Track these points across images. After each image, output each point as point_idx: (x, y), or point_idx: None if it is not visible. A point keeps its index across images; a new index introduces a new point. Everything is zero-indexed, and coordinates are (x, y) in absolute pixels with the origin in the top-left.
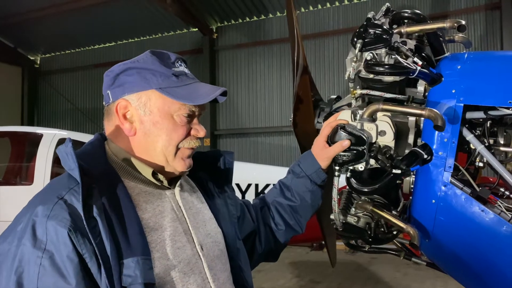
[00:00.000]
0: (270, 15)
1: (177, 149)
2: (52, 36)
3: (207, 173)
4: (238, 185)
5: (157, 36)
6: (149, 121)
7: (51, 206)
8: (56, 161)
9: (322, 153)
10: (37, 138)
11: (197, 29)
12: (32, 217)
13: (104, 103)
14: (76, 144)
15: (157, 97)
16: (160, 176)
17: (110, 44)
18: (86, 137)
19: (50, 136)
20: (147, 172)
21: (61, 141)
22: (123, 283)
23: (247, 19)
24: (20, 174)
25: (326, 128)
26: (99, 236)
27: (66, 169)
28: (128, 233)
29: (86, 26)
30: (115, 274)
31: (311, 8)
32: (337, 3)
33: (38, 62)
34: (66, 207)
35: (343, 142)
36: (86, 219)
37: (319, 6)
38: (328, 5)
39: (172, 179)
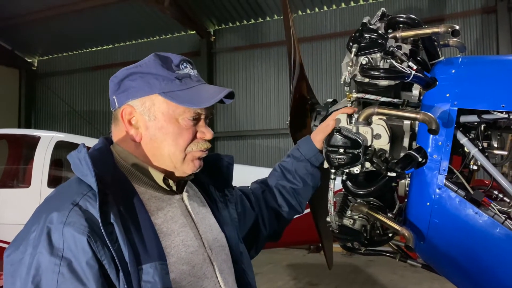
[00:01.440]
0: (268, 18)
1: (185, 154)
2: (49, 39)
3: (208, 177)
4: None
5: (154, 38)
6: (154, 126)
7: (67, 213)
8: (54, 164)
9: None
10: (35, 140)
11: (194, 31)
12: (46, 224)
13: (111, 108)
14: (73, 146)
15: (161, 102)
16: (170, 182)
17: (108, 47)
18: (84, 140)
19: (47, 138)
20: (158, 178)
21: (58, 144)
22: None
23: (245, 22)
24: (17, 177)
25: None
26: (116, 242)
27: (79, 175)
28: (145, 238)
29: (83, 28)
30: (134, 280)
31: (308, 11)
32: (334, 6)
33: (36, 65)
34: (82, 213)
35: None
36: (103, 225)
37: (316, 9)
38: (325, 8)
39: (178, 184)
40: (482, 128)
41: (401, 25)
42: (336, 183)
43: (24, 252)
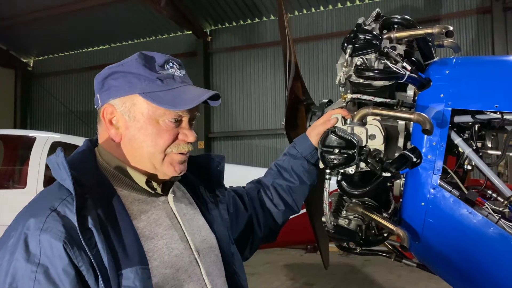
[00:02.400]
0: (264, 18)
1: (165, 155)
2: (45, 39)
3: (198, 177)
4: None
5: (151, 39)
6: (134, 127)
7: (44, 219)
8: None
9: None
10: (30, 141)
11: (191, 32)
12: (24, 230)
13: (95, 106)
14: (70, 147)
15: (141, 102)
16: (154, 184)
17: (104, 47)
18: (80, 141)
19: (43, 139)
20: (140, 180)
21: (54, 145)
22: None
23: (241, 22)
24: (13, 177)
25: (326, 115)
26: (95, 247)
27: (58, 180)
28: (125, 242)
29: (79, 28)
30: (114, 286)
31: (304, 11)
32: (330, 7)
33: (31, 65)
34: (60, 218)
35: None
36: (81, 230)
37: (313, 10)
38: (321, 8)
39: (164, 186)
40: (476, 128)
41: (395, 26)
42: (331, 183)
43: (2, 259)
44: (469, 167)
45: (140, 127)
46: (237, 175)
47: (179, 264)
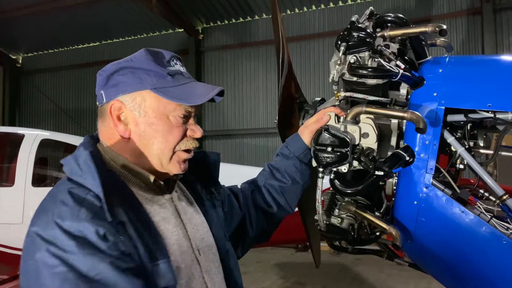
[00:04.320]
0: (256, 17)
1: (173, 152)
2: (34, 35)
3: (194, 174)
4: None
5: (142, 36)
6: (144, 123)
7: (77, 212)
8: (39, 162)
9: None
10: (18, 138)
11: (182, 29)
12: (55, 219)
13: (97, 103)
14: (59, 145)
15: (152, 98)
16: (160, 182)
17: (94, 44)
18: (70, 139)
19: (32, 136)
20: (148, 179)
21: (43, 142)
22: (159, 285)
23: (233, 21)
24: (0, 175)
25: (319, 113)
26: (130, 240)
27: (76, 179)
28: (152, 236)
29: (69, 25)
30: (151, 276)
31: (296, 10)
32: (322, 6)
33: (20, 61)
34: (92, 213)
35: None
36: (114, 224)
37: (305, 9)
38: (313, 7)
39: (167, 184)
40: (468, 127)
41: (389, 24)
42: (324, 182)
43: (39, 251)
44: (461, 166)
45: (151, 122)
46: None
47: (186, 261)
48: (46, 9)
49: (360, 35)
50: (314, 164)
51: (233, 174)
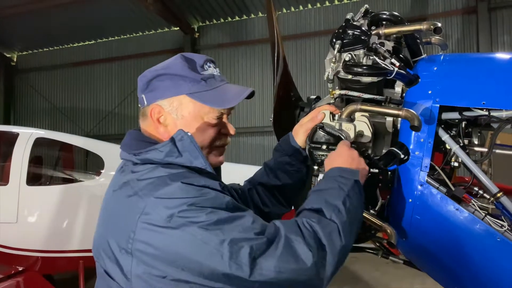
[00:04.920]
0: (252, 15)
1: (209, 149)
2: (29, 33)
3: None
4: None
5: (138, 34)
6: (182, 125)
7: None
8: (33, 161)
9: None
10: (13, 137)
11: (178, 28)
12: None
13: (139, 105)
14: (54, 143)
15: (188, 102)
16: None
17: (90, 42)
18: (65, 137)
19: (26, 135)
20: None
21: (38, 141)
22: None
23: (229, 19)
24: None
25: (314, 111)
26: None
27: (183, 162)
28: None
29: (65, 23)
30: None
31: (292, 9)
32: (318, 5)
33: (15, 60)
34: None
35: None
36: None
37: (301, 7)
38: (309, 6)
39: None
40: (463, 125)
41: (384, 22)
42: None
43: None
44: (456, 164)
45: (188, 124)
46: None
47: None
48: (41, 7)
49: (355, 33)
50: (309, 162)
51: (228, 173)
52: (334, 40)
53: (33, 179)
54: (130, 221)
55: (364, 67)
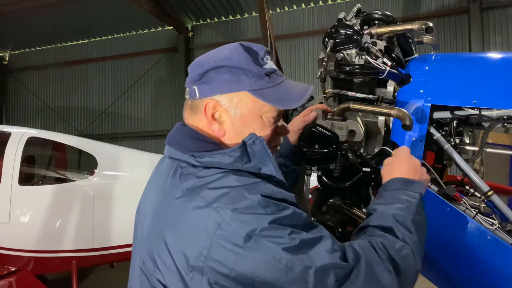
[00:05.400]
0: (246, 15)
1: None
2: (21, 32)
3: None
4: None
5: (131, 33)
6: (240, 123)
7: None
8: (26, 160)
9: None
10: (5, 136)
11: (172, 27)
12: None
13: (187, 96)
14: (46, 143)
15: (249, 99)
16: None
17: (83, 42)
18: (59, 137)
19: (18, 134)
20: None
21: (30, 140)
22: None
23: (223, 18)
24: None
25: (306, 111)
26: None
27: (249, 168)
28: None
29: (58, 22)
30: None
31: (286, 8)
32: (312, 4)
33: (7, 59)
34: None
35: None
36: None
37: (294, 7)
38: (303, 6)
39: None
40: (454, 124)
41: (376, 22)
42: (311, 179)
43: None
44: (448, 163)
45: (246, 122)
46: None
47: None
48: (34, 5)
49: (348, 32)
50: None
51: None
52: (326, 39)
53: (26, 179)
54: (203, 237)
55: (356, 67)
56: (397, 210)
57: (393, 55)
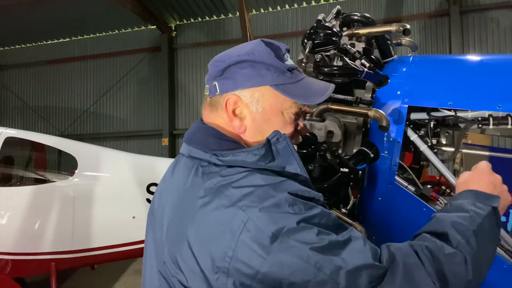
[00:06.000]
0: (230, 15)
1: None
2: (0, 30)
3: None
4: None
5: (114, 32)
6: (261, 118)
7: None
8: (3, 161)
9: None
10: None
11: (155, 26)
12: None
13: (206, 93)
14: (25, 143)
15: (270, 94)
16: None
17: (64, 40)
18: (38, 137)
19: None
20: None
21: (8, 140)
22: None
23: (207, 18)
24: None
25: None
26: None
27: (272, 167)
28: None
29: (39, 20)
30: None
31: (270, 9)
32: (295, 5)
33: None
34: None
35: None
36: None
37: (278, 8)
38: (287, 6)
39: None
40: (431, 125)
41: (355, 23)
42: None
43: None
44: (425, 163)
45: (267, 118)
46: None
47: None
48: (12, 3)
49: (326, 33)
50: None
51: None
52: (305, 40)
53: (3, 180)
54: (228, 236)
55: (334, 68)
56: (457, 218)
57: (372, 56)
